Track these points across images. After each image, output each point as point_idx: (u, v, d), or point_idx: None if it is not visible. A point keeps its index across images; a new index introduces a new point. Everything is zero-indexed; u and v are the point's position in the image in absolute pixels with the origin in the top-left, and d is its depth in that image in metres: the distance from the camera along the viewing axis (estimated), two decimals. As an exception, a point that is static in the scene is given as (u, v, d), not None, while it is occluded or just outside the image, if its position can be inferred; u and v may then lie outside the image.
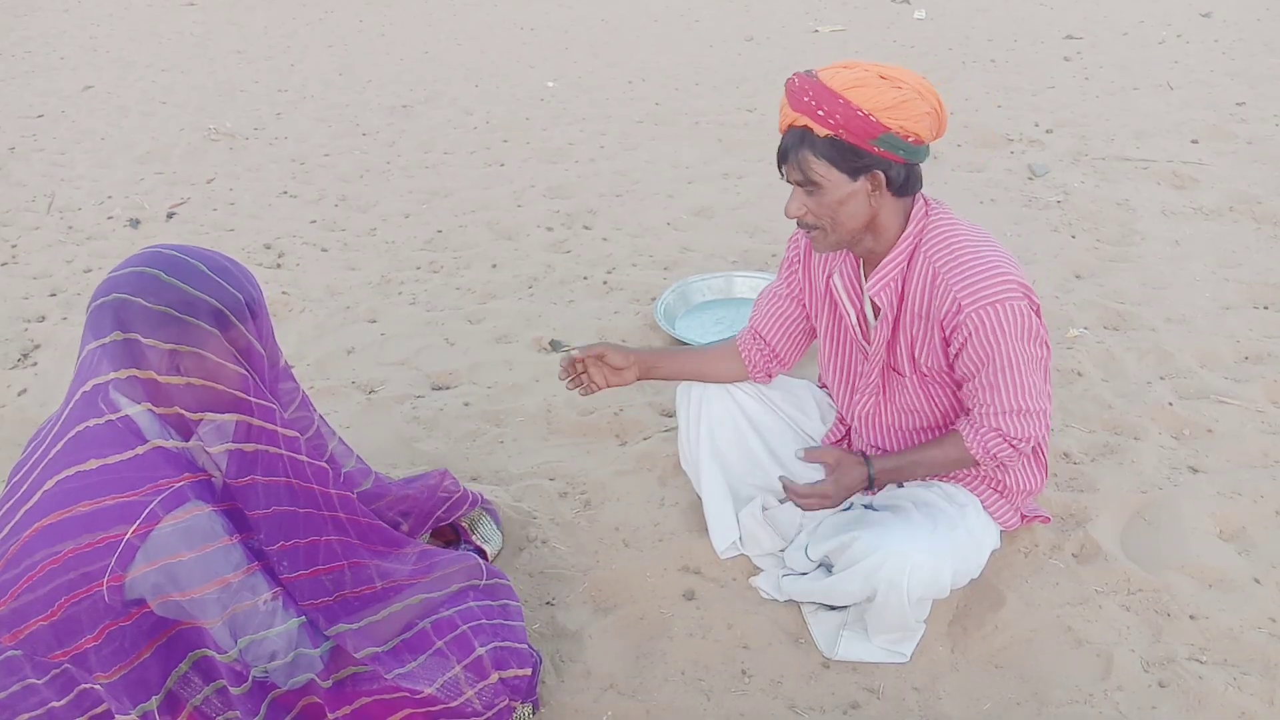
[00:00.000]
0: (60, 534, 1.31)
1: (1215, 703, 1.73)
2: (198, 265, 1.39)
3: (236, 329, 1.40)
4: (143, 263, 1.37)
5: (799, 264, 1.99)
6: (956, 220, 1.77)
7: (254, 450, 1.44)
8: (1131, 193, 4.06)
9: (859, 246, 1.79)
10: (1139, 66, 5.99)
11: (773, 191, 4.22)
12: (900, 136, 1.63)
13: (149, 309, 1.33)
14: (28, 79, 6.73)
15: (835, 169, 1.65)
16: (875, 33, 7.28)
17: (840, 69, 1.65)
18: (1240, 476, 2.30)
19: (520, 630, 1.72)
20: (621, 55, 6.94)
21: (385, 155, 4.96)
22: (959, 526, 1.83)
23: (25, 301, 3.50)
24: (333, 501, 1.59)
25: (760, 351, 2.06)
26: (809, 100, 1.63)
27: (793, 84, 1.67)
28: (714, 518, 2.10)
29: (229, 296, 1.39)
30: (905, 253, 1.76)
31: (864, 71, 1.63)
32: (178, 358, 1.35)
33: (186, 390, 1.37)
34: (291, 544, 1.49)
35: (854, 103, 1.60)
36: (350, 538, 1.61)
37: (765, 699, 1.80)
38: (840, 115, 1.61)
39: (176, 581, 1.35)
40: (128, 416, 1.36)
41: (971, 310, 1.67)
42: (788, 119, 1.67)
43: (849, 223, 1.71)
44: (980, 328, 1.67)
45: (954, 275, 1.69)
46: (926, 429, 1.92)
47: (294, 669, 1.46)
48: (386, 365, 2.99)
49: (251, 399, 1.43)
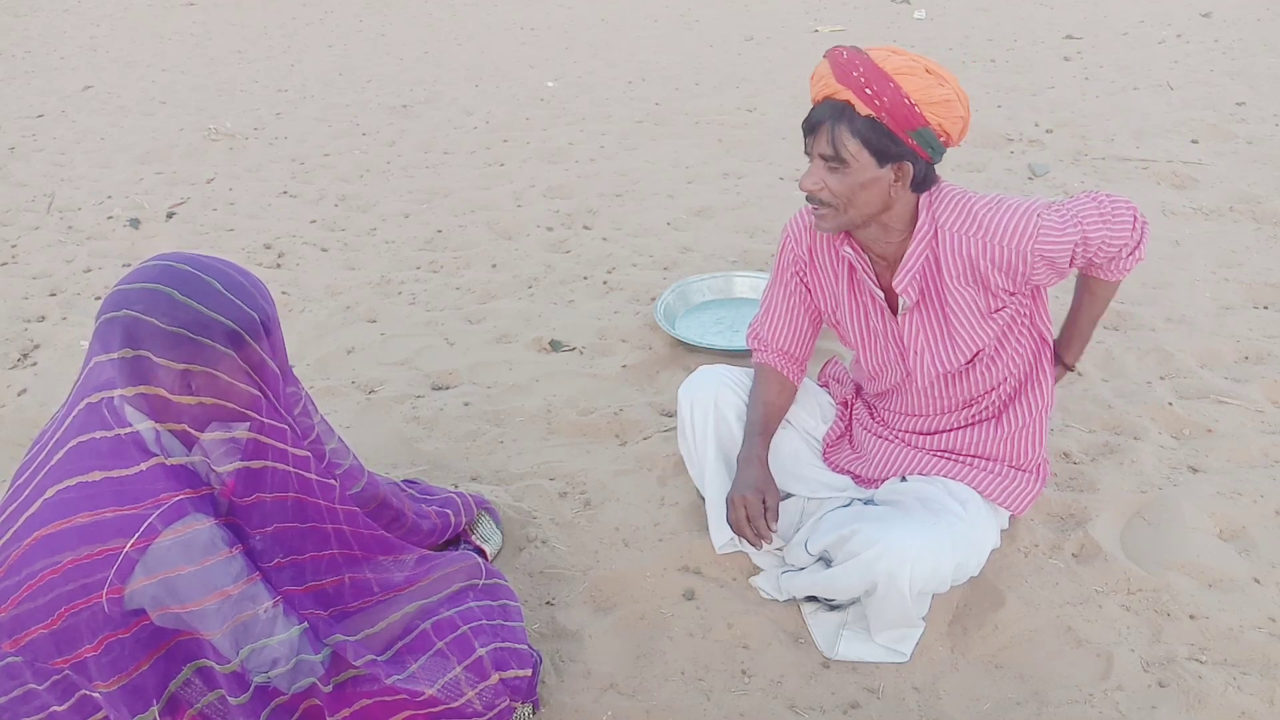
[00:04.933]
0: (60, 544, 1.31)
1: (1215, 703, 1.73)
2: (212, 283, 1.36)
3: (250, 348, 1.38)
4: (155, 279, 1.34)
5: (805, 264, 1.98)
6: (957, 189, 1.78)
7: (261, 467, 1.44)
8: (1131, 192, 4.06)
9: (862, 231, 1.78)
10: (1139, 66, 5.99)
11: (772, 191, 4.22)
12: (935, 133, 1.64)
13: (162, 329, 1.31)
14: (28, 79, 6.73)
15: (867, 151, 1.64)
16: (875, 33, 7.27)
17: (889, 53, 1.63)
18: (1240, 476, 2.30)
19: (520, 631, 1.72)
20: (621, 55, 6.94)
21: (385, 155, 4.97)
22: (961, 520, 1.83)
23: (25, 301, 3.50)
24: (338, 515, 1.59)
25: (794, 365, 2.08)
26: (858, 75, 1.60)
27: (839, 56, 1.64)
28: (715, 515, 2.09)
29: (243, 316, 1.37)
30: (926, 241, 1.76)
31: (913, 61, 1.63)
32: (189, 377, 1.34)
33: (196, 408, 1.36)
34: (289, 560, 1.49)
35: (904, 89, 1.59)
36: (352, 549, 1.62)
37: (765, 699, 1.80)
38: (888, 98, 1.59)
39: (176, 594, 1.34)
40: (131, 429, 1.35)
41: (1024, 242, 1.69)
42: (828, 89, 1.64)
43: (864, 208, 1.70)
44: (1043, 237, 1.69)
45: (991, 233, 1.71)
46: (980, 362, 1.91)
47: (295, 675, 1.46)
48: (386, 365, 2.99)
49: (264, 419, 1.42)
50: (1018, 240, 1.70)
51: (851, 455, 2.11)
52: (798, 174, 4.40)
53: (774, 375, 2.06)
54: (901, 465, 2.01)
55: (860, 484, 2.06)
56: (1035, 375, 1.94)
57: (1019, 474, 1.96)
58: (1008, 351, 1.88)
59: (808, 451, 2.13)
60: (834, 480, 2.09)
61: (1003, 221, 1.71)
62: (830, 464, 2.12)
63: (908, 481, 1.96)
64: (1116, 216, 1.73)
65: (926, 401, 1.97)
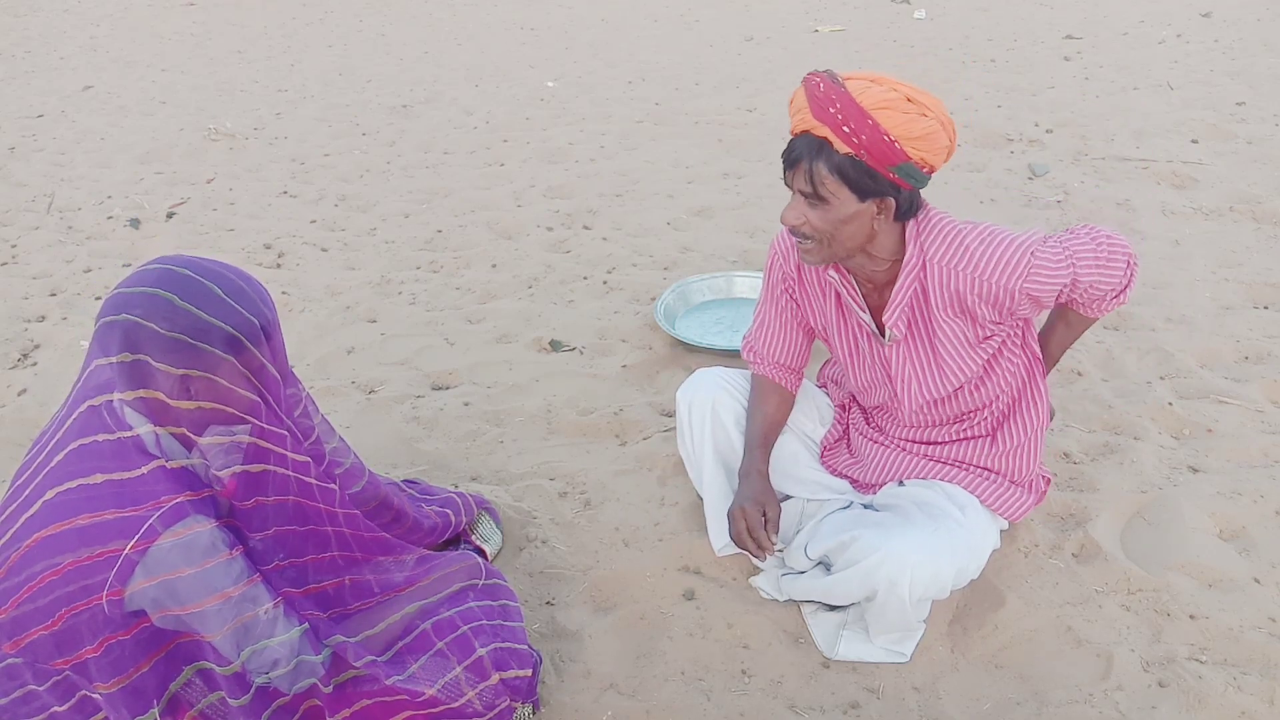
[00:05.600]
0: (60, 546, 1.31)
1: (1215, 702, 1.73)
2: (211, 288, 1.35)
3: (249, 353, 1.37)
4: (155, 283, 1.33)
5: (794, 282, 1.96)
6: (946, 219, 1.74)
7: (261, 471, 1.44)
8: (1131, 192, 4.06)
9: (849, 261, 1.75)
10: (1139, 66, 5.99)
11: (772, 192, 4.22)
12: (918, 167, 1.59)
13: (161, 335, 1.30)
14: (28, 79, 6.73)
15: (846, 187, 1.60)
16: (875, 32, 7.28)
17: (869, 83, 1.58)
18: (1240, 476, 2.30)
19: (520, 631, 1.72)
20: (621, 55, 6.94)
21: (385, 155, 4.97)
22: (960, 526, 1.83)
23: (25, 301, 3.50)
24: (338, 518, 1.59)
25: (791, 375, 2.07)
26: (835, 113, 1.55)
27: (815, 88, 1.58)
28: (714, 517, 2.09)
29: (243, 321, 1.36)
30: (914, 275, 1.73)
31: (893, 92, 1.56)
32: (189, 382, 1.33)
33: (195, 412, 1.36)
34: (289, 562, 1.49)
35: (882, 126, 1.54)
36: (353, 551, 1.62)
37: (765, 699, 1.80)
38: (866, 137, 1.54)
39: (176, 596, 1.34)
40: (136, 434, 1.35)
41: (1012, 279, 1.66)
42: (805, 124, 1.59)
43: (847, 241, 1.67)
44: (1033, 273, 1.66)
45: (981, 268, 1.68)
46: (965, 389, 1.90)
47: (296, 676, 1.46)
48: (386, 365, 2.99)
49: (263, 424, 1.42)
50: (1007, 278, 1.67)
51: (849, 460, 2.10)
52: (798, 174, 4.39)
53: (772, 387, 2.06)
54: (899, 470, 2.00)
55: (858, 489, 2.06)
56: (1029, 394, 1.92)
57: (1015, 487, 1.96)
58: (998, 372, 1.86)
59: (806, 454, 2.13)
60: (832, 483, 2.09)
61: (994, 256, 1.67)
62: (828, 467, 2.12)
63: (906, 486, 1.96)
64: (1112, 261, 1.71)
65: (916, 418, 1.97)
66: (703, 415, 2.07)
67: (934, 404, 1.90)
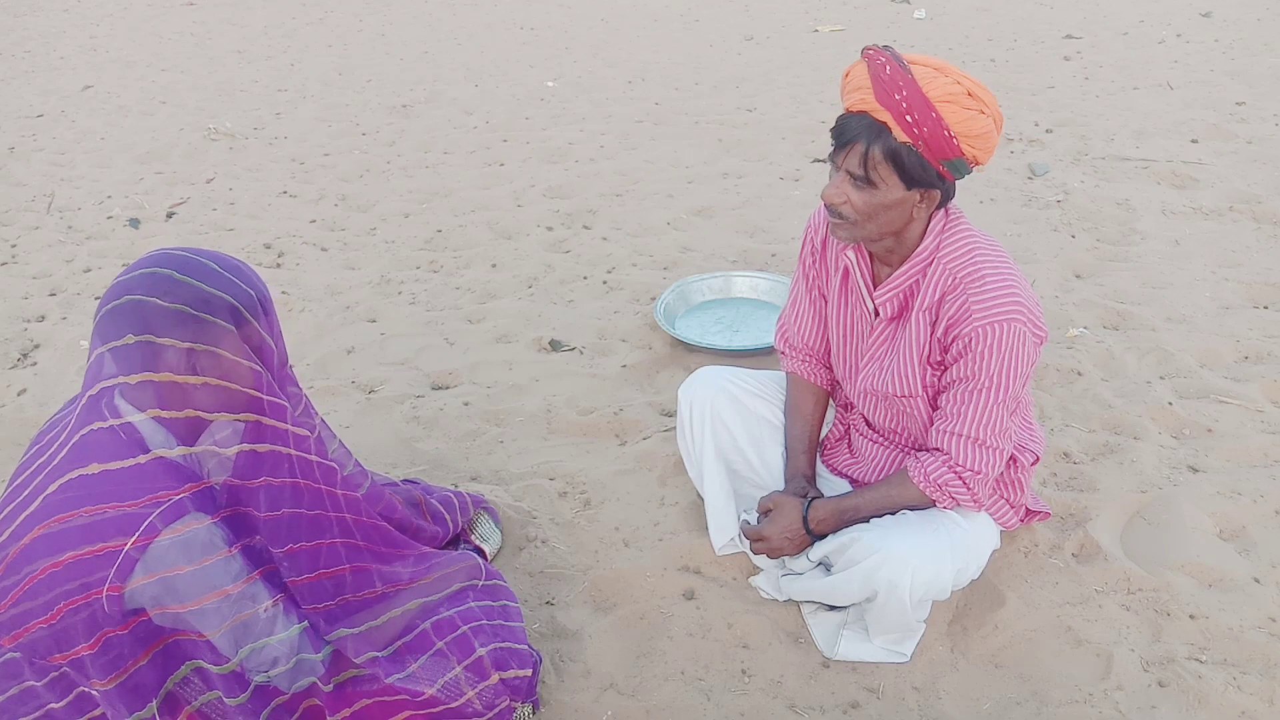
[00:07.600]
0: (61, 541, 1.31)
1: (1215, 702, 1.73)
2: (209, 264, 1.39)
3: (251, 325, 1.40)
4: (153, 264, 1.36)
5: (817, 255, 1.95)
6: (974, 232, 1.73)
7: (266, 450, 1.44)
8: (1131, 192, 4.06)
9: (877, 244, 1.75)
10: (1139, 66, 5.99)
11: (772, 191, 4.22)
12: (967, 162, 1.59)
13: (165, 308, 1.32)
14: (28, 79, 6.73)
15: (897, 175, 1.58)
16: (875, 32, 7.27)
17: (935, 72, 1.55)
18: (1240, 476, 2.30)
19: (520, 630, 1.72)
20: (621, 55, 6.94)
21: (385, 155, 4.96)
22: (959, 527, 1.83)
23: (25, 301, 3.50)
24: (339, 501, 1.59)
25: (823, 369, 2.06)
26: (900, 100, 1.52)
27: (881, 69, 1.54)
28: (714, 516, 2.09)
29: (242, 293, 1.39)
30: (920, 266, 1.73)
31: (956, 85, 1.54)
32: (194, 356, 1.34)
33: (203, 390, 1.36)
34: (298, 547, 1.49)
35: (945, 120, 1.52)
36: (355, 539, 1.61)
37: (765, 699, 1.80)
38: (928, 129, 1.52)
39: (175, 593, 1.34)
40: (130, 424, 1.35)
41: (980, 323, 1.63)
42: (866, 105, 1.55)
43: (883, 225, 1.66)
44: (980, 340, 1.64)
45: (973, 286, 1.66)
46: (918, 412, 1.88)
47: (296, 674, 1.46)
48: (386, 365, 2.99)
49: (264, 396, 1.42)
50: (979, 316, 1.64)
51: (850, 460, 2.10)
52: (797, 174, 4.40)
53: (806, 388, 2.05)
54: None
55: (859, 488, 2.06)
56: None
57: (1008, 506, 1.96)
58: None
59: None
60: (833, 484, 2.09)
61: (987, 290, 1.65)
62: (829, 467, 2.12)
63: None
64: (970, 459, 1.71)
65: (858, 399, 1.95)
66: (703, 414, 2.07)
67: (875, 397, 1.89)
